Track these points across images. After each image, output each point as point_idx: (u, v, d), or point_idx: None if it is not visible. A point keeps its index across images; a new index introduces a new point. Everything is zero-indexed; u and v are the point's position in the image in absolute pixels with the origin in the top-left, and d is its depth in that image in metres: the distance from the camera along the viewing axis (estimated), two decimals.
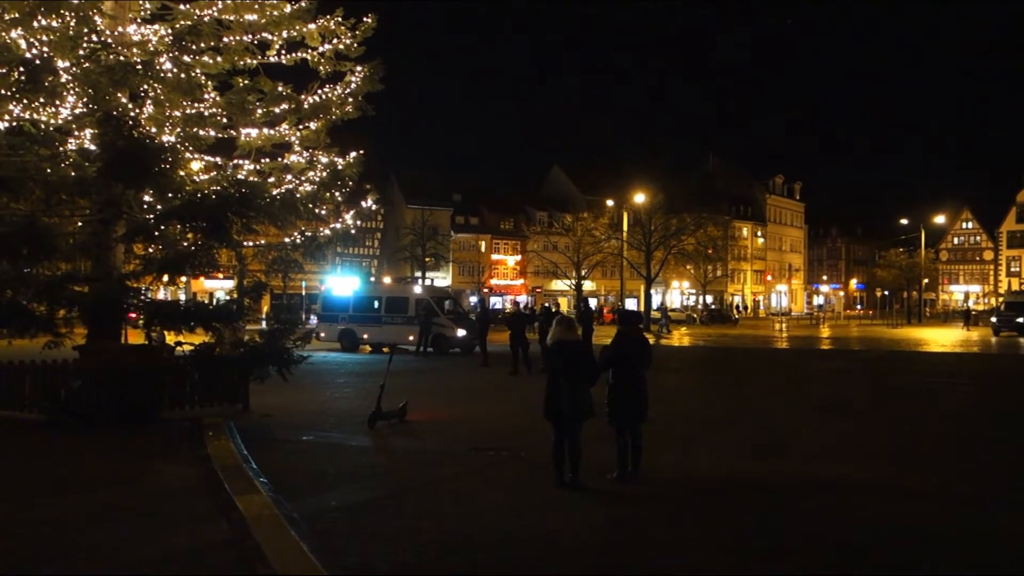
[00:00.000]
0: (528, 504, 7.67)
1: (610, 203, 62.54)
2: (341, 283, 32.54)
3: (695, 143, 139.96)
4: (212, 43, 12.86)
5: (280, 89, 13.47)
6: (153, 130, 12.49)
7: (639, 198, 51.90)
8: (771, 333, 49.29)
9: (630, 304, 67.57)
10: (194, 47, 12.59)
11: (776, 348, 36.09)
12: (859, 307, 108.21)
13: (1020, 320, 41.78)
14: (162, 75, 12.15)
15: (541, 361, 15.78)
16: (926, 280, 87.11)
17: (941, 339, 41.56)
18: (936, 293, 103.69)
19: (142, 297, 12.68)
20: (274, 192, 13.26)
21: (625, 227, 53.68)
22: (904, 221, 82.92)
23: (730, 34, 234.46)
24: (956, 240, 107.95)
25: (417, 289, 30.84)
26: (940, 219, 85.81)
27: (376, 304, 29.46)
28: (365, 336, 28.97)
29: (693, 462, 9.54)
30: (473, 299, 68.68)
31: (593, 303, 72.29)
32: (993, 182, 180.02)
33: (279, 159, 14.15)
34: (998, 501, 7.88)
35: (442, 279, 72.30)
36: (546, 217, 79.03)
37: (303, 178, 13.89)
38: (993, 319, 48.05)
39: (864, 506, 7.67)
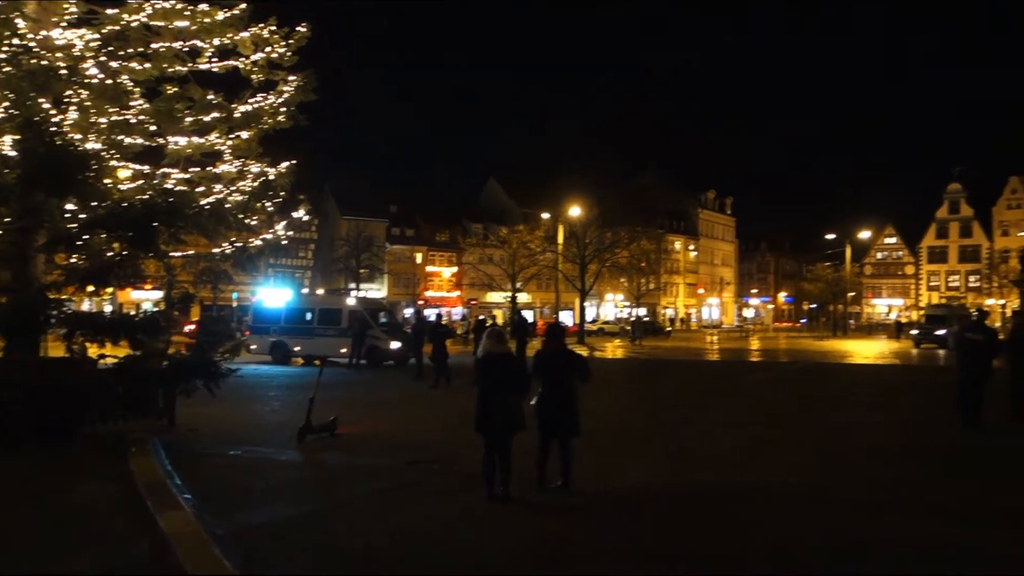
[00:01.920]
0: (458, 517, 7.66)
1: (546, 216, 62.96)
2: (273, 294, 32.04)
3: (630, 157, 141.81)
4: (140, 49, 12.58)
5: (210, 97, 13.23)
6: (77, 137, 12.14)
7: (574, 211, 52.38)
8: (703, 345, 50.09)
9: (565, 317, 67.99)
10: (121, 53, 12.31)
11: (707, 360, 36.67)
12: (804, 321, 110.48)
13: (939, 333, 43.19)
14: (87, 80, 11.84)
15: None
16: (851, 294, 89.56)
17: (865, 351, 42.76)
18: (860, 306, 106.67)
19: (64, 309, 12.29)
20: (203, 202, 13.01)
21: (560, 240, 54.06)
22: (831, 236, 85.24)
23: (667, 51, 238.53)
24: (880, 255, 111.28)
25: (351, 301, 30.55)
26: (865, 235, 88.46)
27: (308, 316, 29.09)
28: (297, 348, 28.58)
29: (624, 473, 9.63)
30: (408, 311, 68.30)
31: (530, 315, 72.64)
32: (915, 199, 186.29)
33: (209, 168, 13.89)
34: (915, 506, 8.11)
35: (377, 291, 71.79)
36: (482, 229, 79.14)
37: (233, 188, 13.65)
38: (914, 331, 49.63)
39: (790, 513, 7.83)
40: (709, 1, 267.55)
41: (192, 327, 21.55)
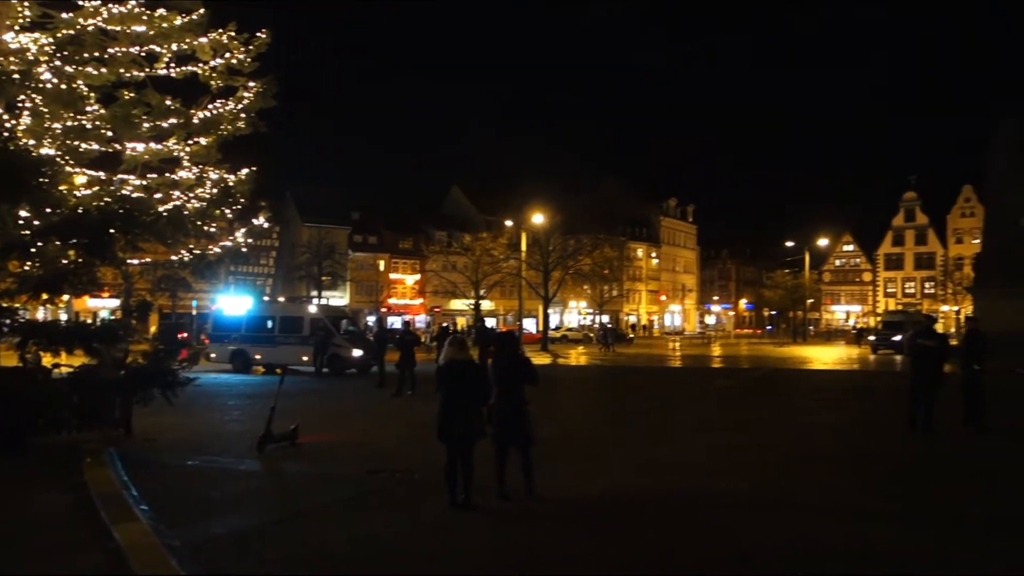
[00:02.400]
0: (420, 525, 7.63)
1: (509, 223, 63.03)
2: (233, 302, 31.69)
3: (593, 165, 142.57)
4: (96, 53, 12.40)
5: (168, 103, 13.08)
6: (31, 142, 11.93)
7: (537, 219, 52.51)
8: (665, 352, 50.46)
9: (528, 324, 68.06)
10: (77, 57, 12.12)
11: (669, 367, 36.92)
12: (770, 328, 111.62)
13: (896, 339, 43.91)
14: (41, 85, 11.64)
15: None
16: (810, 300, 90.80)
17: (824, 357, 43.35)
18: (820, 313, 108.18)
19: (17, 317, 12.04)
20: (161, 208, 12.83)
21: (524, 247, 54.15)
22: (790, 244, 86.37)
23: (631, 59, 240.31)
24: (838, 262, 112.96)
25: (312, 308, 30.31)
26: (823, 242, 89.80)
27: (270, 324, 28.82)
28: (258, 357, 28.29)
29: (586, 480, 9.63)
30: (371, 319, 67.94)
31: (492, 323, 72.59)
32: (872, 207, 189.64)
33: (167, 174, 13.72)
34: (874, 513, 8.23)
35: (339, 298, 71.28)
36: (445, 237, 79.02)
37: (192, 194, 13.49)
38: (872, 338, 50.43)
39: (753, 518, 7.90)
40: (673, 10, 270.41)
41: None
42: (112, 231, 11.46)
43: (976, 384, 13.83)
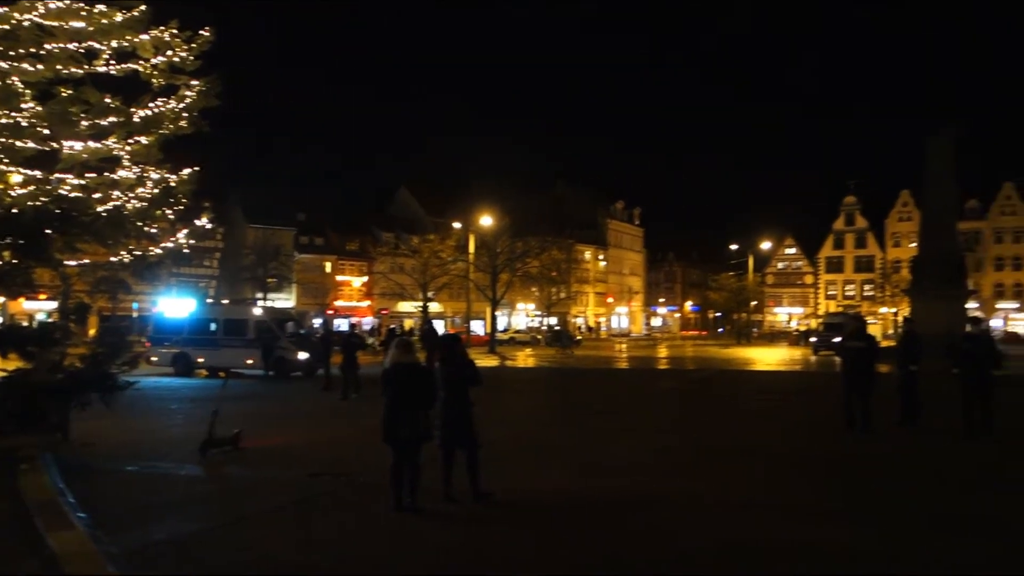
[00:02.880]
0: (365, 529, 7.59)
1: (457, 225, 62.98)
2: (175, 305, 31.11)
3: (541, 168, 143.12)
4: (32, 50, 12.08)
5: (108, 101, 12.77)
6: None
7: (486, 221, 52.55)
8: (612, 354, 50.84)
9: (476, 326, 68.03)
10: (12, 53, 11.79)
11: (616, 368, 37.23)
12: (721, 330, 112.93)
13: (836, 340, 44.82)
14: None
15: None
16: (754, 302, 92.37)
17: (767, 358, 44.12)
18: (763, 315, 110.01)
19: None
20: (100, 209, 12.55)
21: (472, 249, 54.15)
22: (734, 247, 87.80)
23: (579, 63, 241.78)
24: (781, 265, 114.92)
25: (257, 311, 29.92)
26: (766, 245, 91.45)
27: (213, 326, 28.37)
28: (201, 360, 27.83)
29: (533, 482, 9.67)
30: (317, 321, 67.26)
31: (440, 325, 72.39)
32: (813, 211, 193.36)
33: (106, 174, 13.41)
34: (814, 512, 8.41)
35: (285, 300, 70.46)
36: (393, 238, 78.64)
37: (132, 194, 13.20)
38: (813, 339, 51.46)
39: (697, 519, 8.00)
40: (621, 15, 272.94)
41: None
42: (48, 231, 11.19)
43: (912, 384, 14.18)
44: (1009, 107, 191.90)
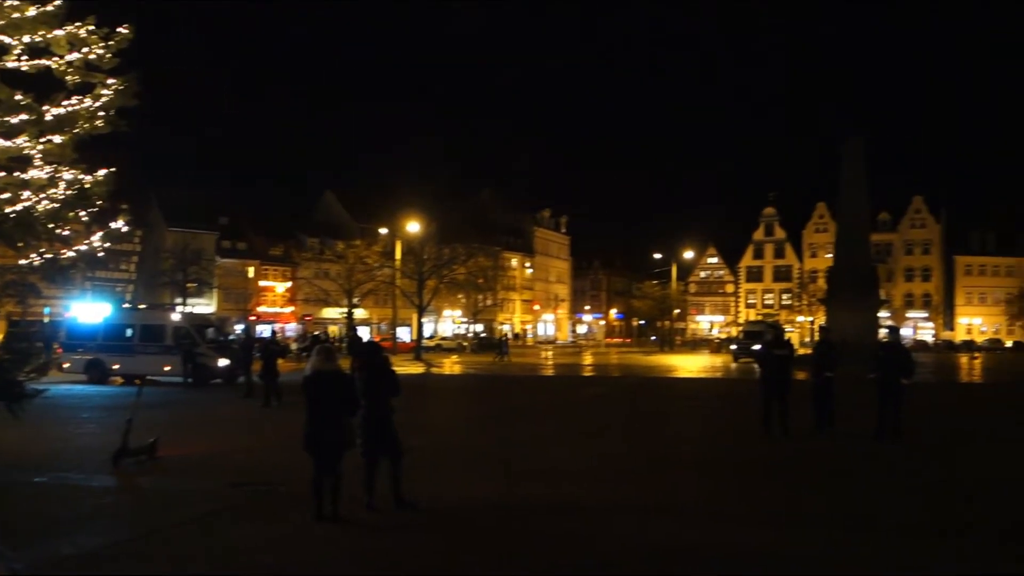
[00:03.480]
0: (285, 539, 7.45)
1: (384, 231, 62.53)
2: (89, 309, 30.11)
3: (468, 175, 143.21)
4: None
5: (19, 97, 12.31)
6: None
7: (412, 227, 52.27)
8: (538, 361, 51.07)
9: (402, 333, 67.61)
10: None
11: (542, 375, 37.41)
12: (654, 338, 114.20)
13: (756, 347, 45.89)
14: None
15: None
16: (677, 311, 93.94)
17: (689, 365, 44.93)
18: (686, 322, 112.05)
19: None
20: (8, 210, 12.08)
21: (398, 255, 53.79)
22: (658, 256, 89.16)
23: (505, 70, 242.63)
24: (703, 274, 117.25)
25: (175, 316, 29.15)
26: (689, 254, 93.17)
27: (129, 332, 27.52)
28: (116, 367, 26.98)
29: (457, 489, 9.64)
30: (239, 327, 65.92)
31: (366, 332, 71.74)
32: (734, 221, 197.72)
33: (16, 174, 12.90)
34: (731, 514, 8.57)
35: (206, 306, 68.92)
36: (318, 244, 77.65)
37: (44, 195, 12.74)
38: (733, 347, 52.59)
39: (619, 523, 8.08)
40: (547, 23, 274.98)
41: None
42: None
43: (828, 390, 14.62)
44: (918, 124, 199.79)
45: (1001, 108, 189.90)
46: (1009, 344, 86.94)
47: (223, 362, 26.32)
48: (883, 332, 15.07)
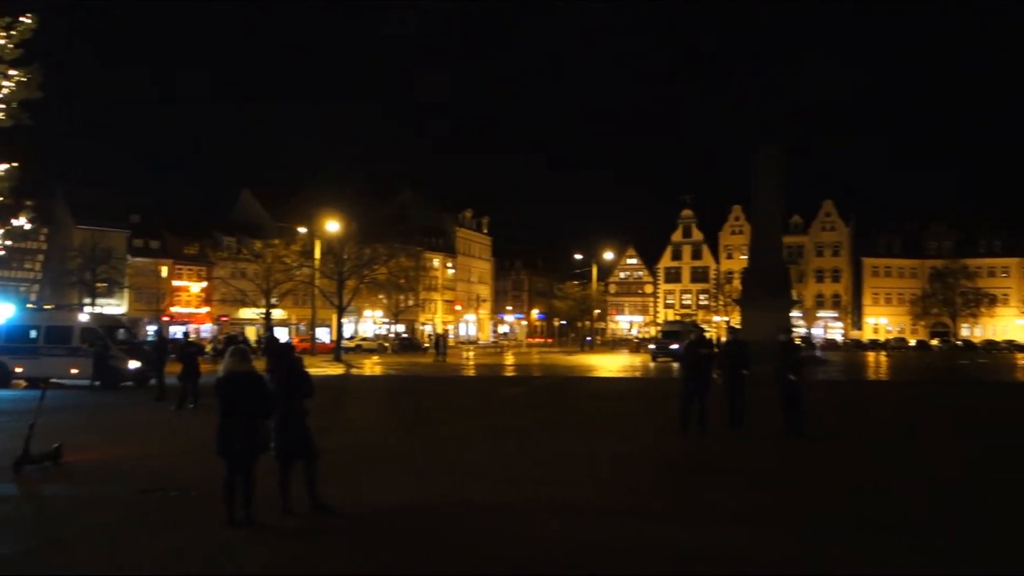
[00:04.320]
0: (196, 546, 7.25)
1: (303, 230, 61.54)
2: None
3: (389, 174, 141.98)
4: None
5: None
6: None
7: (332, 226, 51.53)
8: (459, 361, 50.97)
9: (322, 333, 66.66)
10: None
11: (464, 376, 37.34)
12: (588, 339, 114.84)
13: (673, 347, 46.76)
14: None
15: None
16: (597, 311, 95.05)
17: (609, 365, 45.46)
18: (606, 323, 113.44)
19: None
20: None
21: (318, 255, 52.99)
22: (579, 256, 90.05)
23: (428, 70, 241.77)
24: (623, 275, 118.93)
25: (84, 317, 28.12)
26: (609, 255, 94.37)
27: (33, 334, 26.42)
28: (19, 370, 25.87)
29: (375, 491, 9.52)
30: (152, 328, 64.02)
31: (284, 333, 70.55)
32: (654, 223, 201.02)
33: None
34: (644, 512, 8.70)
35: (116, 306, 66.75)
36: (235, 243, 76.02)
37: None
38: (652, 347, 53.47)
39: (537, 522, 8.10)
40: (470, 22, 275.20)
41: None
42: None
43: (741, 388, 14.96)
44: (829, 132, 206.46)
45: (906, 116, 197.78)
46: (913, 343, 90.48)
47: (134, 364, 25.52)
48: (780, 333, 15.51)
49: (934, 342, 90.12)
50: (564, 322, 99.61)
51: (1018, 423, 17.88)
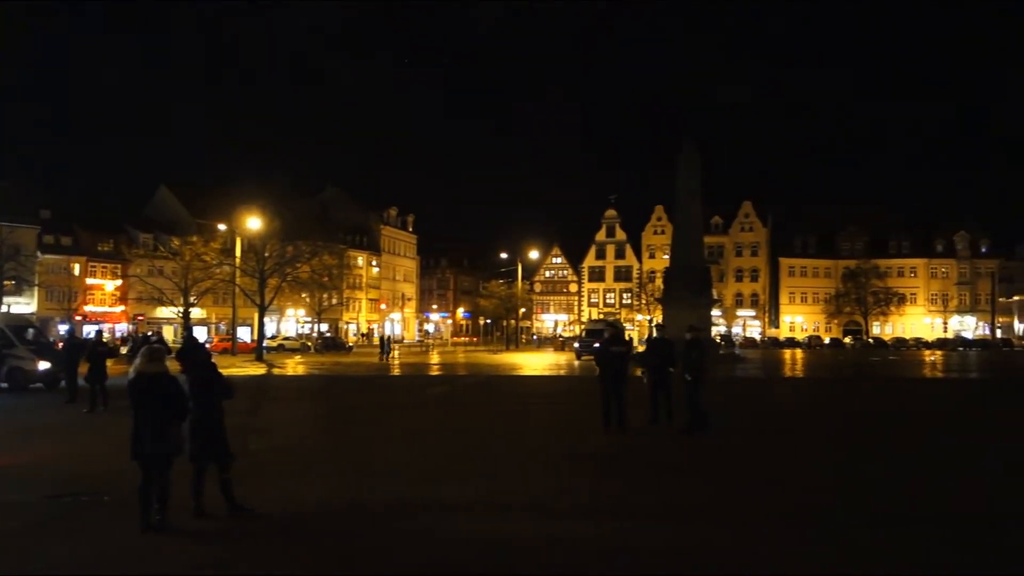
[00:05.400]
0: (108, 552, 7.07)
1: (222, 227, 60.25)
2: None
3: (313, 172, 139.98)
4: None
5: None
6: None
7: (254, 223, 50.55)
8: (386, 361, 50.59)
9: (243, 333, 65.41)
10: None
11: (388, 375, 37.10)
12: (536, 338, 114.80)
13: (597, 346, 47.29)
14: None
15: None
16: (523, 310, 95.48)
17: (534, 363, 45.73)
18: (531, 321, 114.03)
19: None
20: None
21: (238, 253, 51.98)
22: (504, 255, 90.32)
23: (352, 68, 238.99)
24: (548, 273, 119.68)
25: None
26: (535, 255, 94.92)
27: None
28: None
29: (294, 492, 9.41)
30: (63, 327, 61.90)
31: (203, 332, 68.98)
32: (578, 222, 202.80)
33: None
34: (563, 509, 8.80)
35: (25, 305, 64.33)
36: (151, 240, 74.05)
37: None
38: (576, 345, 53.99)
39: (457, 521, 8.12)
40: (394, 22, 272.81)
41: None
42: None
43: (666, 385, 15.12)
44: (747, 134, 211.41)
45: (822, 119, 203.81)
46: (827, 340, 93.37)
47: (43, 365, 24.61)
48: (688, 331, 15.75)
49: (847, 340, 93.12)
50: (489, 321, 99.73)
51: (919, 416, 18.61)
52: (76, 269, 73.46)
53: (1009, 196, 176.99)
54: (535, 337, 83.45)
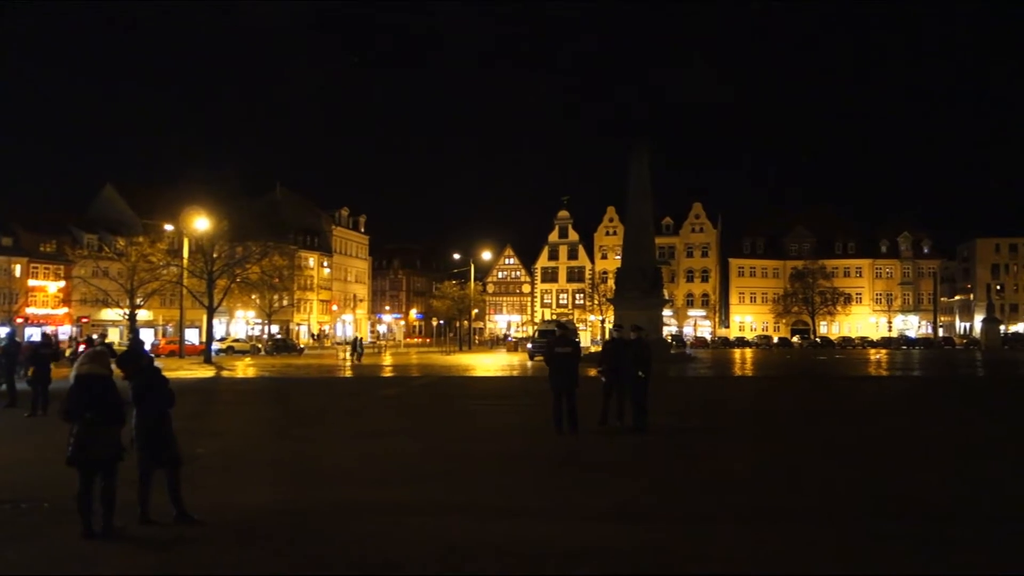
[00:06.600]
0: (48, 560, 6.86)
1: (169, 228, 59.18)
2: None
3: (262, 172, 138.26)
4: None
5: None
6: None
7: (202, 224, 49.70)
8: (335, 362, 50.14)
9: (191, 335, 64.33)
10: None
11: (339, 377, 36.76)
12: (507, 337, 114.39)
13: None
14: None
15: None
16: (475, 310, 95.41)
17: (486, 364, 45.67)
18: (484, 322, 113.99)
19: None
20: None
21: (186, 254, 51.11)
22: (457, 256, 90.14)
23: (309, 69, 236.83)
24: (501, 274, 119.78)
25: None
26: (487, 255, 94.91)
27: None
28: None
29: (243, 497, 9.25)
30: (3, 330, 60.26)
31: (150, 334, 67.71)
32: (531, 223, 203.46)
33: None
34: (516, 510, 8.77)
35: None
36: (96, 240, 72.48)
37: None
38: (529, 345, 54.11)
39: (407, 524, 8.03)
40: (349, 22, 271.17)
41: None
42: None
43: (621, 387, 15.13)
44: (700, 135, 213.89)
45: (770, 125, 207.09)
46: (776, 340, 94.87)
47: None
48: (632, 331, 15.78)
49: (795, 339, 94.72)
50: (443, 322, 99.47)
51: (863, 414, 18.97)
52: (17, 270, 71.67)
53: (951, 199, 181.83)
54: (508, 336, 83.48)
